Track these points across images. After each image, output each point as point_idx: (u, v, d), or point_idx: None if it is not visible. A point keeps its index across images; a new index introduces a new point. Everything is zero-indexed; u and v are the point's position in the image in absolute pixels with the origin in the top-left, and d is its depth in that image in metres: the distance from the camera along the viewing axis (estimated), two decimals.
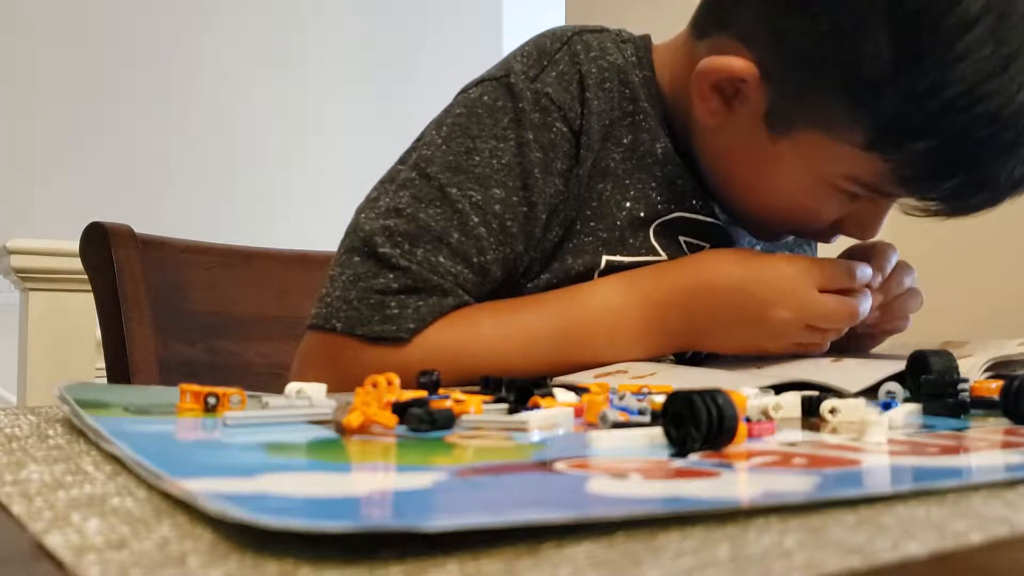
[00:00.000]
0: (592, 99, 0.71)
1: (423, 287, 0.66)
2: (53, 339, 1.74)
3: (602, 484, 0.28)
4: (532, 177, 0.69)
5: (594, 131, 0.71)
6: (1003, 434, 0.41)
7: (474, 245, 0.68)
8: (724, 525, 0.24)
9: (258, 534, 0.21)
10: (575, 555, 0.21)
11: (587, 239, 0.72)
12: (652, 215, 0.73)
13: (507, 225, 0.69)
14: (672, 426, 0.35)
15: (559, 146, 0.70)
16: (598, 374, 0.69)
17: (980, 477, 0.31)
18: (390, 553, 0.21)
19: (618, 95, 0.73)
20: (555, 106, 0.70)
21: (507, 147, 0.69)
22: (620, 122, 0.73)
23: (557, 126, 0.70)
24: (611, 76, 0.73)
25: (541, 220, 0.70)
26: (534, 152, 0.69)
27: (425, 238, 0.67)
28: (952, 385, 0.46)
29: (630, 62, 0.75)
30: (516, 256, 0.71)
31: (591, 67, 0.72)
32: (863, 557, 0.21)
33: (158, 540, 0.22)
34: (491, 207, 0.68)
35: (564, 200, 0.71)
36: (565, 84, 0.71)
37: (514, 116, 0.70)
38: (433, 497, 0.26)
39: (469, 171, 0.69)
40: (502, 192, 0.69)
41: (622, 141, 0.73)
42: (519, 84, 0.71)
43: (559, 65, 0.72)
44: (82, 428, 0.38)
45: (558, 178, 0.70)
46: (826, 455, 0.34)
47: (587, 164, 0.71)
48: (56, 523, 0.24)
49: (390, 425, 0.39)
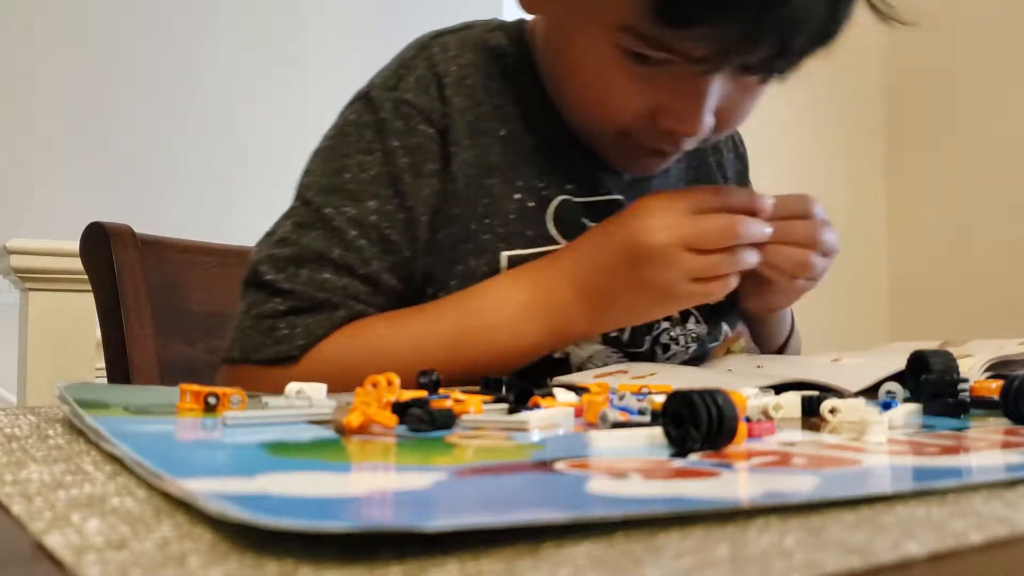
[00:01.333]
0: (453, 97, 0.73)
1: (310, 305, 0.68)
2: (53, 339, 1.74)
3: (602, 484, 0.28)
4: (403, 183, 0.71)
5: (460, 128, 0.72)
6: (1003, 434, 0.41)
7: (357, 257, 0.69)
8: (724, 525, 0.24)
9: (258, 534, 0.21)
10: (575, 555, 0.21)
11: (485, 237, 0.72)
12: (542, 203, 0.73)
13: (386, 233, 0.70)
14: (672, 426, 0.35)
15: (427, 148, 0.72)
16: (598, 374, 0.69)
17: (980, 477, 0.31)
18: (390, 553, 0.21)
19: (483, 89, 0.74)
20: (416, 110, 0.72)
21: (374, 159, 0.71)
22: (492, 115, 0.74)
23: (421, 128, 0.72)
24: (472, 72, 0.74)
25: (422, 222, 0.71)
26: (401, 158, 0.71)
27: (308, 259, 0.69)
28: (952, 385, 0.46)
29: (499, 48, 0.76)
30: (405, 262, 0.71)
31: (449, 67, 0.74)
32: (863, 557, 0.21)
33: (158, 540, 0.22)
34: (367, 219, 0.70)
35: (444, 199, 0.72)
36: (424, 87, 0.73)
37: (377, 128, 0.72)
38: (433, 497, 0.26)
39: (341, 189, 0.71)
40: (376, 203, 0.70)
41: (498, 134, 0.73)
42: (378, 96, 0.73)
43: (417, 70, 0.74)
44: (82, 428, 0.38)
45: (431, 178, 0.72)
46: (826, 455, 0.34)
47: (459, 160, 0.72)
48: (56, 523, 0.24)
49: (390, 425, 0.39)
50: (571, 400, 0.46)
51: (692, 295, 0.67)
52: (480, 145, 0.73)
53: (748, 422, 0.38)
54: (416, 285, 0.73)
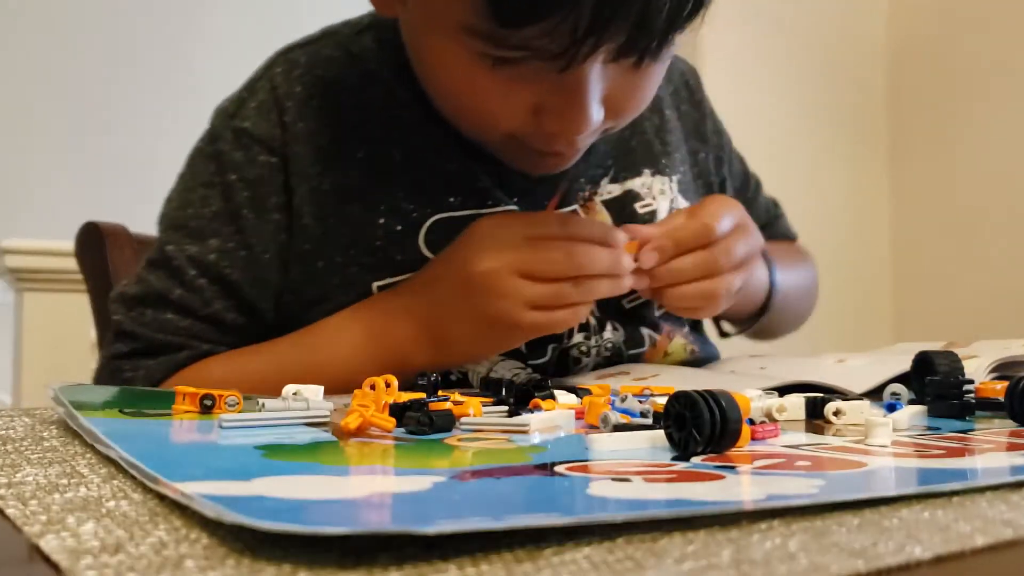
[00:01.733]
0: (296, 123, 0.68)
1: (152, 348, 0.67)
2: (48, 340, 1.73)
3: (603, 487, 0.28)
4: (243, 219, 0.68)
5: (303, 156, 0.68)
6: (1008, 436, 0.41)
7: (198, 298, 0.67)
8: (727, 528, 0.24)
9: (255, 537, 0.21)
10: (576, 559, 0.21)
11: (353, 270, 0.68)
12: (413, 225, 0.68)
13: (225, 274, 0.67)
14: (675, 428, 0.34)
15: (270, 180, 0.68)
16: (600, 375, 0.69)
17: (985, 479, 0.31)
18: (389, 557, 0.21)
19: (336, 108, 0.69)
20: (255, 140, 0.68)
21: (215, 193, 0.68)
22: (349, 135, 0.69)
23: (261, 159, 0.68)
24: (322, 91, 0.69)
25: (264, 260, 0.68)
26: (241, 192, 0.68)
27: (152, 300, 0.68)
28: (957, 386, 0.46)
29: (364, 54, 0.71)
30: (250, 301, 0.68)
31: (294, 87, 0.69)
32: (867, 560, 0.21)
33: (154, 543, 0.22)
34: (207, 258, 0.67)
35: (293, 234, 0.68)
36: (264, 114, 0.69)
37: (216, 160, 0.69)
38: (432, 500, 0.26)
39: (185, 226, 0.69)
40: (217, 241, 0.68)
41: (355, 156, 0.68)
42: (218, 125, 0.70)
43: (259, 95, 0.70)
44: (77, 430, 0.38)
45: (276, 212, 0.68)
46: (830, 457, 0.34)
47: (304, 192, 0.68)
48: (51, 526, 0.23)
49: (388, 427, 0.39)
50: (572, 402, 0.46)
51: (536, 324, 0.62)
52: (334, 171, 0.68)
53: (752, 424, 0.38)
54: (285, 322, 0.69)
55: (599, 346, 0.73)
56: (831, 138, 2.42)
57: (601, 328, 0.73)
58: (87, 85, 2.35)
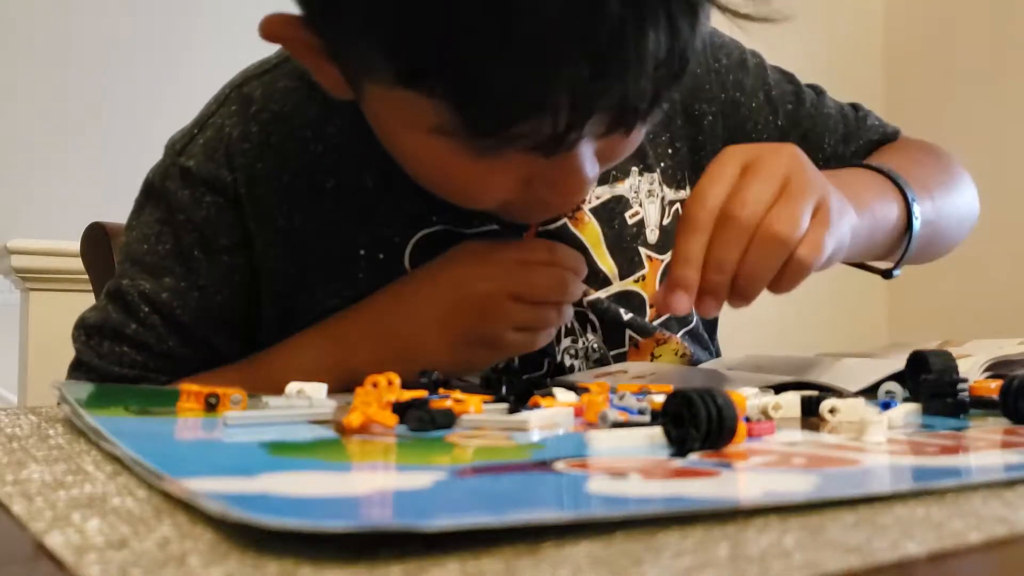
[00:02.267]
0: (253, 164, 0.65)
1: (109, 379, 0.66)
2: (54, 339, 1.73)
3: (602, 484, 0.28)
4: (194, 260, 0.66)
5: (264, 197, 0.65)
6: (1002, 434, 0.41)
7: (152, 334, 0.66)
8: (723, 525, 0.24)
9: (258, 534, 0.21)
10: (575, 554, 0.21)
11: (334, 302, 0.66)
12: (396, 251, 0.66)
13: (177, 314, 0.66)
14: (672, 426, 0.35)
15: (217, 220, 0.66)
16: (598, 374, 0.69)
17: (979, 477, 0.31)
18: (390, 553, 0.21)
19: (297, 142, 0.66)
20: (199, 181, 0.66)
21: (167, 231, 0.67)
22: (315, 170, 0.66)
23: (207, 200, 0.66)
24: (280, 126, 0.66)
25: (218, 301, 0.66)
26: (189, 234, 0.66)
27: (109, 332, 0.67)
28: (951, 385, 0.46)
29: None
30: (210, 336, 0.67)
31: (250, 127, 0.66)
32: (862, 557, 0.21)
33: (158, 540, 0.22)
34: (159, 296, 0.66)
35: (260, 275, 0.67)
36: (210, 154, 0.66)
37: (165, 199, 0.67)
38: (433, 497, 0.26)
39: (141, 261, 0.67)
40: (171, 280, 0.66)
41: (324, 187, 0.66)
42: (167, 161, 0.68)
43: (208, 131, 0.67)
44: (82, 428, 0.38)
45: (226, 254, 0.66)
46: (825, 455, 0.34)
47: (268, 233, 0.65)
48: (57, 523, 0.24)
49: (390, 425, 0.39)
50: (571, 400, 0.46)
51: (515, 344, 0.63)
52: (304, 208, 0.66)
53: (748, 422, 0.38)
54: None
55: (586, 347, 0.73)
56: None
57: (583, 331, 0.73)
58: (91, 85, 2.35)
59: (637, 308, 0.73)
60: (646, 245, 0.74)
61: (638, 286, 0.74)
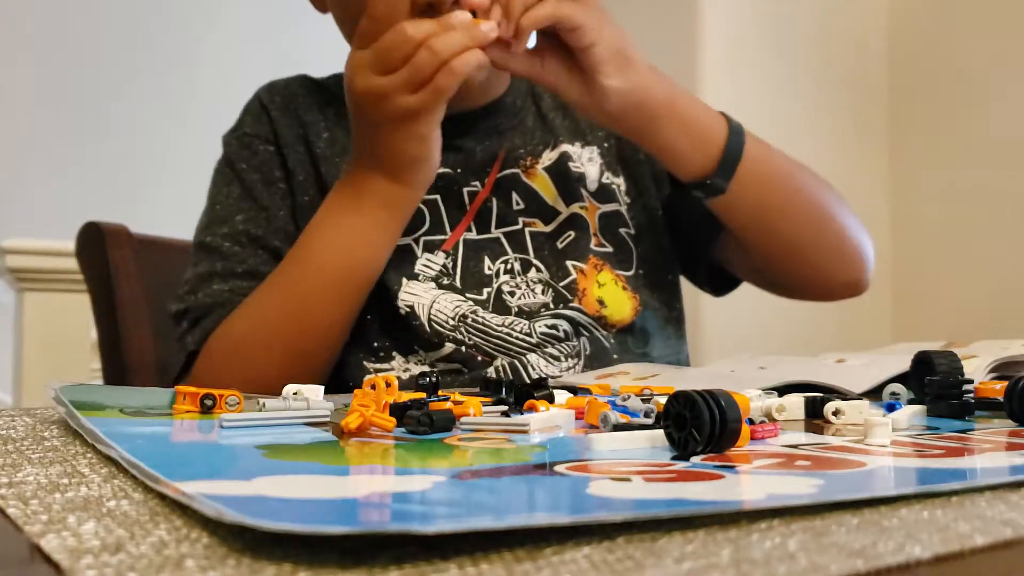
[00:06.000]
0: (279, 117, 0.86)
1: (204, 312, 0.78)
2: (49, 340, 1.73)
3: (603, 487, 0.28)
4: (257, 191, 0.83)
5: (286, 136, 0.85)
6: (1007, 436, 0.41)
7: (234, 260, 0.80)
8: (727, 528, 0.24)
9: (255, 537, 0.21)
10: (576, 558, 0.21)
11: None
12: None
13: (252, 232, 0.81)
14: (674, 428, 0.34)
15: (271, 161, 0.84)
16: (599, 375, 0.69)
17: (984, 479, 0.31)
18: (389, 557, 0.21)
19: (305, 110, 0.86)
20: (253, 136, 0.86)
21: (233, 186, 0.84)
22: (314, 125, 0.86)
23: (261, 148, 0.85)
24: (294, 100, 0.88)
25: (282, 215, 0.82)
26: (251, 175, 0.84)
27: (199, 283, 0.79)
28: (956, 386, 0.46)
29: (329, 90, 0.88)
30: (281, 244, 0.80)
31: (275, 97, 0.88)
32: (867, 560, 0.21)
33: (155, 543, 0.22)
34: (236, 228, 0.81)
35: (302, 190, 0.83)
36: (256, 118, 0.87)
37: (228, 163, 0.85)
38: (432, 500, 0.26)
39: (215, 218, 0.83)
40: (242, 216, 0.82)
41: (322, 136, 0.85)
42: (227, 141, 0.87)
43: (251, 110, 0.88)
44: (78, 430, 0.38)
45: (280, 183, 0.84)
46: (830, 457, 0.34)
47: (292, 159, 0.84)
48: (52, 526, 0.23)
49: (388, 427, 0.39)
50: (571, 403, 0.46)
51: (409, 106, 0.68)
52: (308, 145, 0.85)
53: (751, 424, 0.38)
54: None
55: (527, 281, 0.80)
56: (831, 136, 2.42)
57: (525, 270, 0.81)
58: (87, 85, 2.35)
59: (583, 229, 0.83)
60: (587, 191, 0.86)
61: (581, 211, 0.84)
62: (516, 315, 0.78)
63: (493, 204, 0.82)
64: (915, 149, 2.47)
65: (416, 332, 0.77)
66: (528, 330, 0.77)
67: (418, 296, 0.77)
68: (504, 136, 0.86)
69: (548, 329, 0.78)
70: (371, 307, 0.77)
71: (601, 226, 0.84)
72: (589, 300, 0.80)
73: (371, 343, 0.79)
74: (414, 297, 0.77)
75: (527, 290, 0.80)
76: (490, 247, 0.80)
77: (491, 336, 0.77)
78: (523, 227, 0.82)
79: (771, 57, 2.31)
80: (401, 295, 0.77)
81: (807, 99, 2.35)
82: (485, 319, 0.77)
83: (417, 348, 0.77)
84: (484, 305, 0.78)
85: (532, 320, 0.78)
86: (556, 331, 0.78)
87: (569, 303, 0.80)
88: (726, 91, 2.08)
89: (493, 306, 0.79)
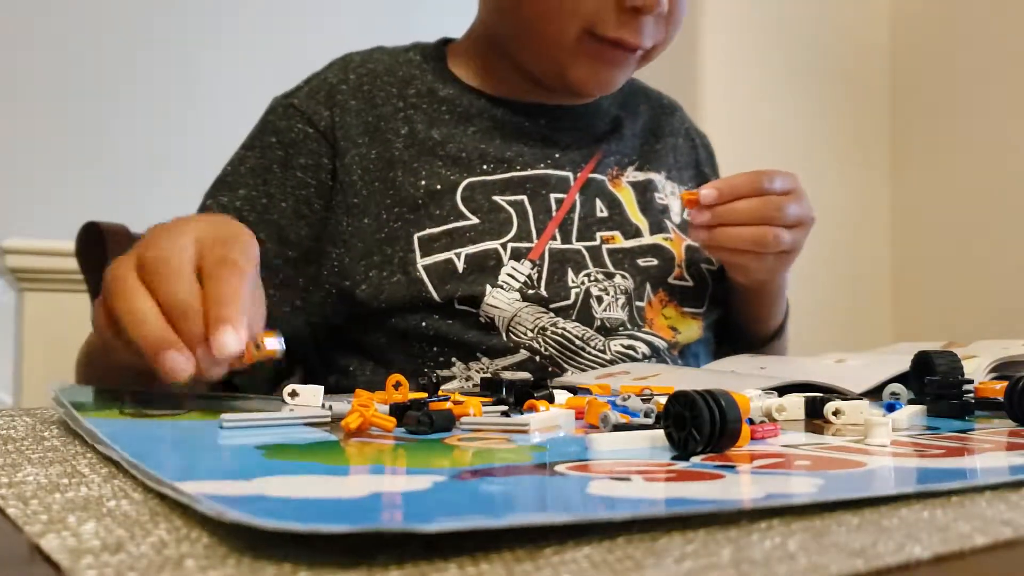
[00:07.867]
0: (347, 100, 0.82)
1: None
2: (49, 340, 1.73)
3: (603, 486, 0.28)
4: (271, 172, 0.80)
5: (353, 126, 0.81)
6: (1007, 435, 0.41)
7: None
8: (727, 528, 0.24)
9: (256, 536, 0.21)
10: (576, 558, 0.21)
11: (396, 225, 0.78)
12: (450, 186, 0.79)
13: (244, 213, 0.78)
14: (674, 428, 0.34)
15: (303, 144, 0.80)
16: (600, 375, 0.69)
17: (984, 479, 0.31)
18: (389, 556, 0.21)
19: (384, 95, 0.83)
20: (298, 112, 0.81)
21: (251, 153, 0.81)
22: (392, 117, 0.82)
23: (299, 127, 0.81)
24: (373, 80, 0.83)
25: (282, 207, 0.79)
26: (275, 151, 0.80)
27: None
28: (956, 386, 0.46)
29: (411, 61, 0.86)
30: (265, 237, 0.76)
31: (348, 75, 0.83)
32: (866, 560, 0.21)
33: (155, 543, 0.22)
34: (233, 204, 0.79)
35: (343, 189, 0.79)
36: (312, 94, 0.82)
37: (262, 127, 0.82)
38: (432, 499, 0.26)
39: (223, 181, 0.81)
40: (245, 191, 0.79)
41: (400, 132, 0.81)
42: (276, 102, 0.84)
43: (312, 82, 0.84)
44: (78, 430, 0.38)
45: (300, 171, 0.80)
46: (830, 457, 0.34)
47: (353, 155, 0.79)
48: (52, 526, 0.23)
49: (388, 427, 0.39)
50: (571, 403, 0.46)
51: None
52: (379, 143, 0.80)
53: (751, 424, 0.38)
54: (343, 272, 0.78)
55: (613, 286, 0.80)
56: (833, 140, 2.42)
57: (609, 276, 0.81)
58: (87, 85, 2.35)
59: (666, 260, 0.84)
60: (671, 221, 0.87)
61: (667, 243, 0.84)
62: (597, 329, 0.77)
63: (575, 214, 0.81)
64: (916, 149, 2.47)
65: (487, 340, 0.75)
66: (603, 347, 0.76)
67: (500, 309, 0.75)
68: (601, 140, 0.86)
69: (625, 349, 0.78)
70: (443, 309, 0.75)
71: (687, 259, 0.84)
72: (660, 326, 0.81)
73: (429, 348, 0.76)
74: (496, 310, 0.75)
75: (612, 299, 0.79)
76: (573, 258, 0.79)
77: (567, 348, 0.76)
78: (600, 243, 0.81)
79: (772, 57, 2.31)
80: (483, 306, 0.75)
81: (808, 99, 2.35)
82: (565, 329, 0.76)
83: (480, 355, 0.76)
84: (568, 312, 0.77)
85: (609, 338, 0.77)
86: (634, 352, 0.78)
87: (641, 328, 0.80)
88: (726, 91, 2.07)
89: (578, 313, 0.77)
